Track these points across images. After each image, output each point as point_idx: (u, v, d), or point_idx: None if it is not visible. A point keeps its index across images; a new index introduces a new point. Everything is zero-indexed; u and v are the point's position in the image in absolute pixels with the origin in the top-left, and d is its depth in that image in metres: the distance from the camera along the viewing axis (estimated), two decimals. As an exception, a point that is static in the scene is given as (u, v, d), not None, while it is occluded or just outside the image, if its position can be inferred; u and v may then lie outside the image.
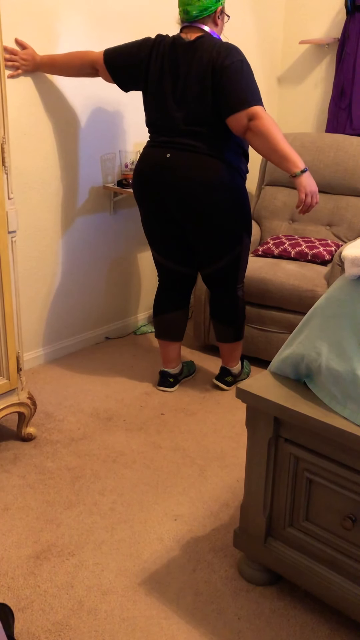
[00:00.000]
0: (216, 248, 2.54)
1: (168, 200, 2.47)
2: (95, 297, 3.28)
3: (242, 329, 2.77)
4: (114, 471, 2.26)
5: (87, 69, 2.59)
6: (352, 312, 1.49)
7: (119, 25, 2.96)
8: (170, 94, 2.39)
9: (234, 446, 2.43)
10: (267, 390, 1.57)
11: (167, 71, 2.38)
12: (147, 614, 1.67)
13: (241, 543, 1.76)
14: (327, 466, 1.50)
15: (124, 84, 2.55)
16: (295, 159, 2.30)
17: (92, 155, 3.03)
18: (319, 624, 1.65)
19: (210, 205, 2.43)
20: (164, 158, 2.41)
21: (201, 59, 2.32)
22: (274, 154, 2.30)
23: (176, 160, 2.40)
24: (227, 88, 2.29)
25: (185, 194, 2.42)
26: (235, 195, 2.46)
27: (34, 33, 2.63)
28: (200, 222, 2.47)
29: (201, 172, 2.39)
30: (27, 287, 2.92)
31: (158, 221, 2.56)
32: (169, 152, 2.41)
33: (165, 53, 2.39)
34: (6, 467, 2.27)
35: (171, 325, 2.76)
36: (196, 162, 2.39)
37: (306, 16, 3.80)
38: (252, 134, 2.29)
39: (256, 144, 2.31)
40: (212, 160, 2.39)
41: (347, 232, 3.26)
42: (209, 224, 2.47)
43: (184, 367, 2.91)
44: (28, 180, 2.79)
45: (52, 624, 1.63)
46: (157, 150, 2.45)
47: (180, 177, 2.40)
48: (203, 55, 2.32)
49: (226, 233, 2.50)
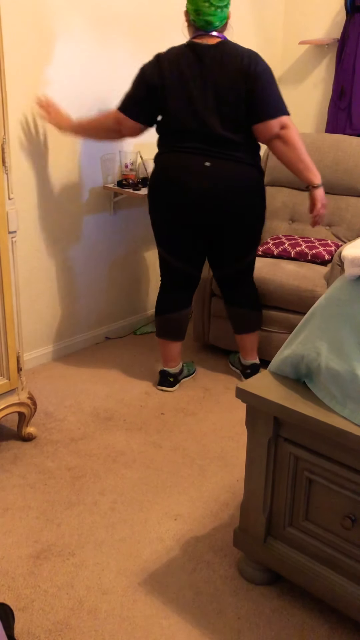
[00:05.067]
0: (244, 247, 2.63)
1: (201, 207, 2.46)
2: (95, 297, 3.28)
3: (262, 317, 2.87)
4: (114, 471, 2.26)
5: (112, 133, 2.57)
6: (351, 312, 1.49)
7: (119, 25, 2.96)
8: (200, 99, 2.37)
9: (234, 446, 2.43)
10: (267, 390, 1.58)
11: (190, 77, 2.36)
12: (147, 614, 1.67)
13: (241, 543, 1.76)
14: (327, 466, 1.50)
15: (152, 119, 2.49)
16: (316, 171, 2.48)
17: (92, 155, 3.03)
18: (319, 623, 1.65)
19: (246, 209, 2.52)
20: (203, 166, 2.41)
21: (230, 64, 2.35)
22: (299, 163, 2.46)
23: (216, 169, 2.42)
24: (260, 95, 2.36)
25: (224, 200, 2.46)
26: (263, 197, 2.61)
27: (34, 33, 2.63)
28: (234, 225, 2.54)
29: (240, 180, 2.47)
30: (27, 287, 2.92)
31: (182, 226, 2.54)
32: (207, 161, 2.41)
33: (179, 61, 2.37)
34: (6, 467, 2.27)
35: (174, 324, 2.77)
36: (236, 171, 2.46)
37: (306, 16, 3.80)
38: (281, 143, 2.42)
39: (282, 151, 2.45)
40: (247, 167, 2.48)
41: (347, 232, 3.26)
42: (242, 225, 2.56)
43: (184, 367, 2.92)
44: (28, 180, 2.79)
45: (52, 624, 1.63)
46: (189, 157, 2.42)
47: (220, 185, 2.43)
48: (231, 60, 2.35)
49: (255, 232, 2.64)
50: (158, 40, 3.17)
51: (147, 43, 3.12)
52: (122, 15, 2.96)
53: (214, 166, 2.41)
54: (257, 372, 2.86)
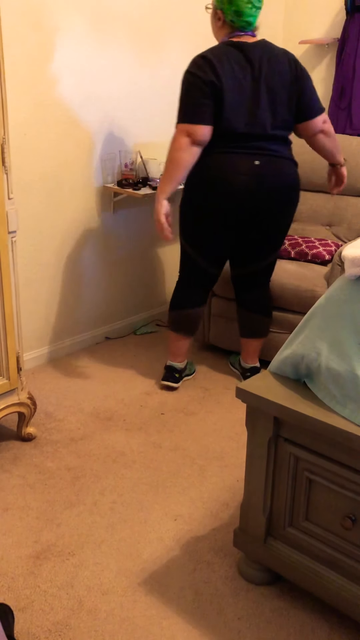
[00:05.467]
0: (275, 244, 2.66)
1: (249, 206, 2.45)
2: (95, 297, 3.28)
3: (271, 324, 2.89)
4: (114, 471, 2.26)
5: (185, 153, 2.38)
6: (352, 312, 1.49)
7: (119, 25, 2.96)
8: (253, 99, 2.36)
9: (234, 446, 2.43)
10: (267, 390, 1.57)
11: (242, 77, 2.34)
12: (147, 614, 1.67)
13: (241, 543, 1.76)
14: (327, 466, 1.50)
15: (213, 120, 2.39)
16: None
17: (92, 155, 3.03)
18: (319, 623, 1.65)
19: (287, 205, 2.56)
20: (253, 165, 2.41)
21: (277, 63, 2.38)
22: (335, 149, 2.65)
23: (266, 167, 2.42)
24: (308, 94, 2.46)
25: (272, 198, 2.47)
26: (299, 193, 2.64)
27: (34, 33, 2.63)
28: (273, 222, 2.57)
29: (286, 176, 2.51)
30: (27, 287, 2.92)
31: (222, 225, 2.52)
32: (257, 160, 2.41)
33: (230, 60, 2.33)
34: (6, 467, 2.27)
35: (189, 320, 2.77)
36: (283, 168, 2.48)
37: (306, 16, 3.80)
38: (324, 136, 2.57)
39: (324, 143, 2.60)
40: (290, 163, 2.53)
41: (347, 232, 3.26)
42: (279, 222, 2.59)
43: (187, 365, 2.92)
44: (28, 180, 2.79)
45: (52, 624, 1.63)
46: (239, 157, 2.41)
47: (269, 183, 2.44)
48: (277, 60, 2.39)
49: (287, 228, 2.66)
50: (158, 41, 3.18)
51: (147, 43, 3.13)
52: (122, 16, 2.96)
53: (263, 164, 2.42)
54: (257, 372, 2.86)
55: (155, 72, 3.22)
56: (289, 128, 2.50)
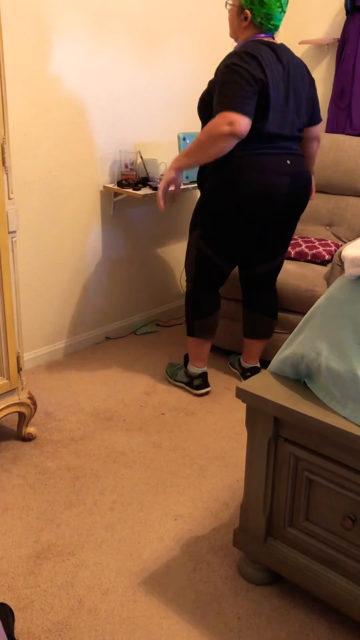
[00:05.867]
0: (288, 242, 2.69)
1: (280, 205, 2.45)
2: (96, 297, 3.28)
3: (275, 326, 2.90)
4: (114, 471, 2.26)
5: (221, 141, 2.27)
6: (352, 312, 1.49)
7: (119, 25, 2.96)
8: (286, 100, 2.37)
9: (234, 446, 2.43)
10: (267, 390, 1.58)
11: (278, 77, 2.33)
12: (147, 614, 1.67)
13: (241, 543, 1.76)
14: (327, 466, 1.50)
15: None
16: None
17: (92, 155, 3.03)
18: (319, 623, 1.65)
19: (305, 201, 2.58)
20: (286, 165, 2.41)
21: (298, 67, 2.41)
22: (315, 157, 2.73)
23: (294, 165, 2.44)
24: (316, 100, 2.54)
25: (298, 197, 2.49)
26: None
27: (34, 33, 2.63)
28: (293, 221, 2.59)
29: (306, 173, 2.53)
30: (27, 287, 2.92)
31: (252, 227, 2.49)
32: (288, 159, 2.42)
33: (269, 59, 2.31)
34: (6, 467, 2.27)
35: (215, 323, 2.75)
36: (303, 166, 2.51)
37: (306, 16, 3.80)
38: (316, 141, 2.65)
39: (313, 149, 2.67)
40: (305, 161, 2.55)
41: (347, 232, 3.26)
42: (296, 219, 2.61)
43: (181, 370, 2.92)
44: (28, 180, 2.79)
45: (52, 624, 1.63)
46: (277, 157, 2.40)
47: (297, 182, 2.46)
48: (298, 63, 2.42)
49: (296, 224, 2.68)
50: (158, 40, 3.18)
51: (147, 43, 3.13)
52: (122, 15, 2.96)
53: (292, 163, 2.44)
54: (257, 372, 2.86)
55: (155, 72, 3.22)
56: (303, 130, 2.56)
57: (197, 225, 2.57)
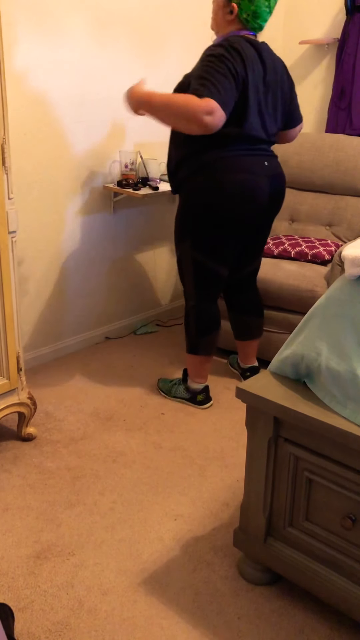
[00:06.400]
0: (265, 241, 2.68)
1: (263, 206, 2.42)
2: (95, 297, 3.28)
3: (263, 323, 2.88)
4: (114, 471, 2.26)
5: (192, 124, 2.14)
6: (352, 312, 1.49)
7: (119, 25, 2.96)
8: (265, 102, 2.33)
9: (234, 446, 2.43)
10: (267, 390, 1.57)
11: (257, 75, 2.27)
12: (147, 614, 1.67)
13: (241, 543, 1.76)
14: (327, 466, 1.50)
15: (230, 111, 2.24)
16: None
17: (92, 155, 3.03)
18: (319, 623, 1.65)
19: (282, 203, 2.57)
20: (264, 166, 2.38)
21: (278, 67, 2.37)
22: None
23: (271, 167, 2.42)
24: (296, 102, 2.50)
25: (276, 198, 2.48)
26: None
27: (35, 33, 2.63)
28: (272, 221, 2.58)
29: (282, 175, 2.51)
30: (27, 287, 2.92)
31: (241, 232, 2.45)
32: (265, 160, 2.39)
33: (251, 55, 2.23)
34: (6, 467, 2.27)
35: (218, 338, 2.67)
36: (279, 167, 2.49)
37: (306, 16, 3.80)
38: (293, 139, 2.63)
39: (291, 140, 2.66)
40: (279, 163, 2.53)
41: (347, 232, 3.26)
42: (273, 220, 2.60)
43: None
44: (28, 180, 2.79)
45: (52, 624, 1.63)
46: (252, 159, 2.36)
47: (275, 183, 2.44)
48: (278, 64, 2.37)
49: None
50: (158, 40, 3.19)
51: (147, 43, 3.13)
52: (122, 15, 2.96)
53: (270, 164, 2.42)
54: (256, 374, 2.85)
55: (155, 72, 3.22)
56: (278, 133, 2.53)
57: (186, 235, 2.44)
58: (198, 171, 2.34)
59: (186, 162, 2.36)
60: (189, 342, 2.62)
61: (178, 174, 2.42)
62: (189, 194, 2.40)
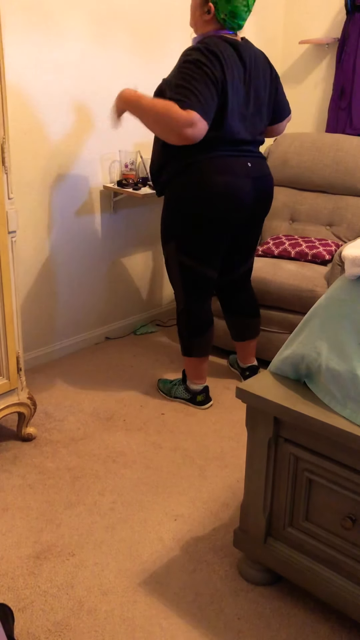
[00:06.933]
0: (257, 242, 2.66)
1: (248, 208, 2.41)
2: (95, 297, 3.28)
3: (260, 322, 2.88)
4: (114, 471, 2.26)
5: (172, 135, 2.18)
6: (352, 312, 1.49)
7: (119, 25, 2.96)
8: (247, 100, 2.31)
9: (234, 446, 2.43)
10: (267, 390, 1.57)
11: (238, 76, 2.25)
12: (147, 614, 1.67)
13: (241, 543, 1.76)
14: (327, 466, 1.50)
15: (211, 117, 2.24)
16: None
17: (92, 155, 3.03)
18: (319, 624, 1.65)
19: (270, 203, 2.56)
20: (246, 167, 2.36)
21: (260, 64, 2.35)
22: None
23: (255, 169, 2.40)
24: (282, 95, 2.49)
25: (263, 197, 2.47)
26: None
27: (35, 33, 2.63)
28: (260, 222, 2.57)
29: (269, 175, 2.50)
30: (27, 287, 2.92)
31: (227, 234, 2.44)
32: (248, 161, 2.37)
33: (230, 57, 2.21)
34: (6, 467, 2.27)
35: (212, 339, 2.67)
36: (265, 167, 2.48)
37: (306, 16, 3.80)
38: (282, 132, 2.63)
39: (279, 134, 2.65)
40: (266, 163, 2.52)
41: (347, 232, 3.26)
42: (262, 220, 2.59)
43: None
44: (28, 180, 2.79)
45: (52, 624, 1.63)
46: (234, 160, 2.34)
47: (259, 184, 2.42)
48: (261, 60, 2.35)
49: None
50: (158, 40, 3.18)
51: (147, 42, 3.13)
52: (122, 15, 2.96)
53: (254, 166, 2.40)
54: (256, 373, 2.85)
55: (156, 72, 3.21)
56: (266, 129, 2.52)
57: (171, 238, 2.45)
58: (180, 174, 2.34)
59: (169, 165, 2.36)
60: (183, 345, 2.64)
61: (161, 176, 2.42)
62: (171, 197, 2.41)
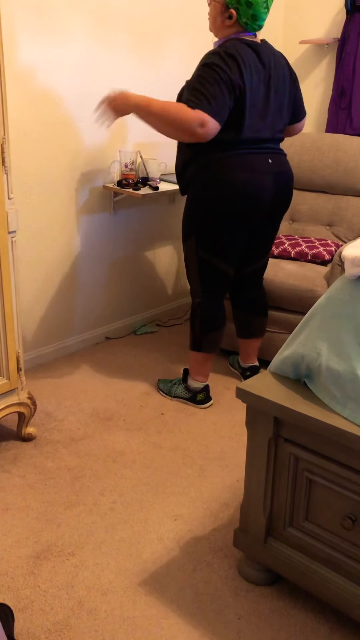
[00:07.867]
0: (274, 239, 2.69)
1: (269, 204, 2.44)
2: (95, 297, 3.28)
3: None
4: (114, 471, 2.26)
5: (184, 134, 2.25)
6: (352, 312, 1.49)
7: (119, 25, 2.96)
8: (266, 103, 2.34)
9: (234, 446, 2.43)
10: (267, 390, 1.57)
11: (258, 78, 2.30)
12: (147, 614, 1.67)
13: (241, 543, 1.76)
14: (327, 466, 1.50)
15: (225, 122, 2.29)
16: None
17: (92, 155, 3.03)
18: (319, 624, 1.65)
19: (289, 201, 2.58)
20: (267, 163, 2.40)
21: (280, 65, 2.39)
22: None
23: (275, 164, 2.43)
24: (300, 96, 2.55)
25: (282, 194, 2.49)
26: None
27: (35, 33, 2.63)
28: (279, 219, 2.60)
29: (289, 172, 2.52)
30: (27, 287, 2.92)
31: (246, 230, 2.47)
32: (269, 158, 2.41)
33: (249, 60, 2.26)
34: (6, 467, 2.27)
35: (222, 337, 2.69)
36: (286, 164, 2.52)
37: (306, 16, 3.80)
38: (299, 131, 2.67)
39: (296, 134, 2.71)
40: (287, 160, 2.55)
41: (347, 232, 3.26)
42: (282, 215, 2.61)
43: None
44: (28, 180, 2.79)
45: (52, 624, 1.63)
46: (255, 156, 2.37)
47: (280, 180, 2.45)
48: (280, 61, 2.40)
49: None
50: (158, 40, 3.18)
51: (147, 43, 3.13)
52: (122, 15, 2.96)
53: (274, 161, 2.43)
54: (256, 373, 2.85)
55: (155, 72, 3.22)
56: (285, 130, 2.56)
57: (192, 233, 2.49)
58: (202, 170, 2.39)
59: (192, 163, 2.42)
60: (193, 339, 2.65)
61: (185, 174, 2.48)
62: (194, 193, 2.46)
